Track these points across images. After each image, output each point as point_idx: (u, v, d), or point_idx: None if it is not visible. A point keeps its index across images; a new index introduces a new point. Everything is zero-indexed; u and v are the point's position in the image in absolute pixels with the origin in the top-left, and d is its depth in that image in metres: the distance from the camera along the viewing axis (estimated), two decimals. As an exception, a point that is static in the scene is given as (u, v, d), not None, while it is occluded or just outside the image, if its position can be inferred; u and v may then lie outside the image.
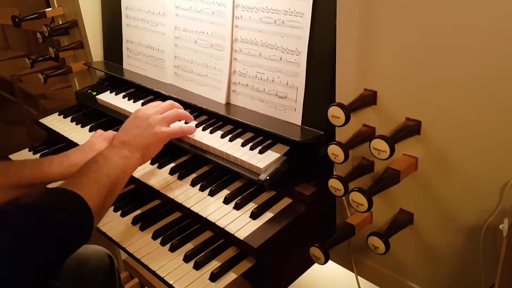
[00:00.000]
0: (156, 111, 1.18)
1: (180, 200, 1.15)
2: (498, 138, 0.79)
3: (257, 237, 1.01)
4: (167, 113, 1.19)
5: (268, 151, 1.16)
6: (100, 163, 1.02)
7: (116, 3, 1.64)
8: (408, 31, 0.83)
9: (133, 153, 1.09)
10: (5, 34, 4.26)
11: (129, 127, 1.15)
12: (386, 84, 0.90)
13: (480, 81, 0.78)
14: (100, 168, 1.00)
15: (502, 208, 0.82)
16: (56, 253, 0.84)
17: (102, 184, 0.97)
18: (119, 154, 1.06)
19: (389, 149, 0.83)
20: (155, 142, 1.13)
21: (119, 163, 1.04)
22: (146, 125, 1.14)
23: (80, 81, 1.82)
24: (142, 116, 1.16)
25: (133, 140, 1.10)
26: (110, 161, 1.03)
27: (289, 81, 1.18)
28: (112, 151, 1.07)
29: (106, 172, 1.00)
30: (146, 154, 1.12)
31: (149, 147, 1.12)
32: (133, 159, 1.08)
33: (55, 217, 0.86)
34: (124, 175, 1.05)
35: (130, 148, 1.09)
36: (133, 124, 1.15)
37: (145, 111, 1.18)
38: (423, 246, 0.98)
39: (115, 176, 1.01)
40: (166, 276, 1.02)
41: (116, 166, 1.03)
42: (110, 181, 0.99)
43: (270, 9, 1.19)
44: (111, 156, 1.05)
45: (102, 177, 0.99)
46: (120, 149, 1.08)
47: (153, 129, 1.13)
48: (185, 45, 1.44)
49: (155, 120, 1.16)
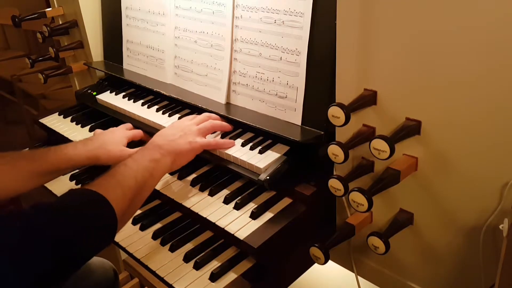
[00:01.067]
0: (192, 123, 1.20)
1: (180, 200, 1.15)
2: (498, 138, 0.79)
3: (257, 237, 1.01)
4: (203, 125, 1.21)
5: (268, 151, 1.16)
6: (128, 166, 1.02)
7: (116, 3, 1.64)
8: (408, 31, 0.83)
9: (164, 157, 1.08)
10: (5, 34, 4.26)
11: (164, 134, 1.16)
12: (386, 84, 0.90)
13: (480, 81, 0.78)
14: (128, 170, 1.00)
15: (502, 208, 0.82)
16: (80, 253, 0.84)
17: (128, 187, 0.96)
18: (149, 157, 1.06)
19: (389, 149, 0.83)
20: (188, 150, 1.13)
21: (149, 166, 1.04)
22: (182, 133, 1.15)
23: (80, 81, 1.82)
24: (179, 126, 1.19)
25: (167, 145, 1.10)
26: (139, 164, 1.03)
27: (289, 81, 1.18)
28: (143, 153, 1.08)
29: (133, 175, 0.99)
30: (177, 161, 1.12)
31: (181, 154, 1.12)
32: (163, 163, 1.08)
33: (74, 218, 0.84)
34: (152, 180, 1.04)
35: (162, 151, 1.09)
36: (169, 132, 1.16)
37: (182, 122, 1.21)
38: (423, 246, 0.98)
39: (143, 180, 1.01)
40: (166, 276, 1.02)
41: (145, 169, 1.03)
42: (137, 185, 0.99)
43: (270, 9, 1.19)
44: (141, 159, 1.05)
45: (129, 180, 0.98)
46: (152, 152, 1.08)
47: (188, 138, 1.14)
48: (185, 45, 1.44)
49: (190, 130, 1.17)
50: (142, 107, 1.45)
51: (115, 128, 1.31)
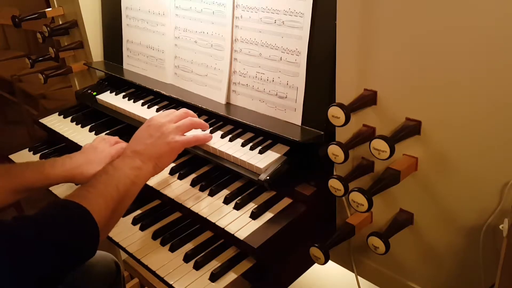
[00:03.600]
0: (169, 120, 1.14)
1: (180, 200, 1.15)
2: (498, 138, 0.79)
3: (257, 237, 1.01)
4: (181, 122, 1.14)
5: (268, 151, 1.16)
6: (109, 174, 0.99)
7: (116, 3, 1.64)
8: (408, 31, 0.83)
9: (145, 163, 1.05)
10: (5, 34, 4.26)
11: (141, 136, 1.11)
12: (386, 84, 0.90)
13: (480, 81, 0.78)
14: (109, 179, 0.98)
15: (502, 208, 0.82)
16: (57, 265, 0.82)
17: (110, 196, 0.95)
18: (130, 165, 1.03)
19: (389, 149, 0.83)
20: (169, 151, 1.09)
21: (130, 174, 1.01)
22: (159, 134, 1.09)
23: (80, 81, 1.82)
24: (155, 125, 1.12)
25: (145, 150, 1.06)
26: (120, 172, 1.00)
27: (289, 81, 1.18)
28: (124, 161, 1.04)
29: (115, 183, 0.97)
30: (159, 165, 1.08)
31: (162, 157, 1.08)
32: (145, 170, 1.05)
33: (57, 228, 0.84)
34: (134, 187, 1.02)
35: (142, 158, 1.05)
36: (146, 133, 1.11)
37: (158, 120, 1.14)
38: (423, 246, 0.98)
39: (125, 188, 0.98)
40: (166, 276, 1.02)
41: (127, 177, 1.00)
42: (119, 193, 0.97)
43: (270, 9, 1.19)
44: (122, 167, 1.02)
45: (111, 189, 0.96)
46: (132, 159, 1.04)
47: (167, 139, 1.09)
48: (185, 45, 1.44)
49: (168, 129, 1.11)
50: (142, 107, 1.45)
51: (97, 144, 1.24)
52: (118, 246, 1.13)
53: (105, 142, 1.25)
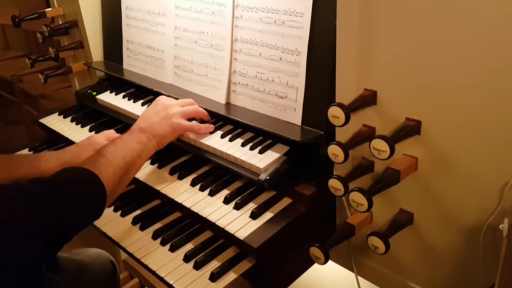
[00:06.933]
0: (177, 103, 1.23)
1: (180, 200, 1.15)
2: (498, 138, 0.79)
3: (257, 237, 1.01)
4: (186, 108, 1.24)
5: (268, 151, 1.16)
6: (118, 146, 1.07)
7: (116, 3, 1.64)
8: (408, 31, 0.83)
9: (150, 140, 1.14)
10: (5, 34, 4.26)
11: (148, 114, 1.20)
12: (386, 84, 0.90)
13: (480, 81, 0.78)
14: (117, 150, 1.05)
15: (502, 208, 0.82)
16: (68, 225, 0.89)
17: (118, 166, 1.02)
18: (136, 140, 1.12)
19: (389, 149, 0.83)
20: (171, 132, 1.18)
21: (136, 147, 1.10)
22: (164, 113, 1.19)
23: (80, 81, 1.82)
24: (162, 104, 1.21)
25: (151, 128, 1.16)
26: (127, 145, 1.09)
27: (289, 81, 1.18)
28: (131, 136, 1.13)
29: (122, 155, 1.05)
30: (162, 142, 1.17)
31: (164, 136, 1.17)
32: (150, 145, 1.14)
33: (70, 189, 0.91)
34: (139, 160, 1.10)
35: (147, 134, 1.14)
36: (153, 111, 1.20)
37: (166, 100, 1.24)
38: (423, 246, 0.98)
39: (131, 160, 1.06)
40: (166, 276, 1.03)
41: (133, 150, 1.08)
42: (126, 164, 1.04)
43: (270, 9, 1.19)
44: (129, 141, 1.10)
45: (119, 159, 1.03)
46: (138, 135, 1.13)
47: (171, 120, 1.18)
48: (185, 45, 1.44)
49: (173, 110, 1.20)
50: (142, 107, 1.45)
51: (94, 136, 1.28)
52: (118, 246, 1.13)
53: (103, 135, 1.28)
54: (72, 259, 1.27)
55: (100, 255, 1.36)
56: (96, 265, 1.32)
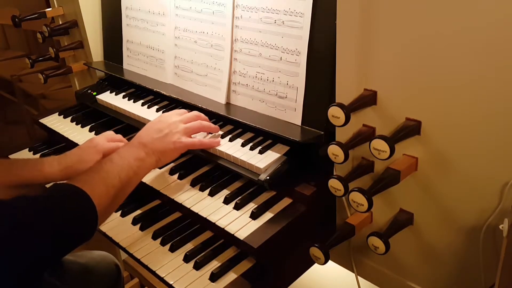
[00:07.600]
0: (180, 120, 1.19)
1: (180, 200, 1.15)
2: (498, 138, 0.79)
3: (257, 237, 1.01)
4: (190, 124, 1.19)
5: (268, 151, 1.16)
6: (114, 162, 1.02)
7: (116, 3, 1.64)
8: (408, 31, 0.83)
9: (149, 156, 1.09)
10: (5, 34, 4.26)
11: (150, 129, 1.15)
12: (386, 84, 0.90)
13: (480, 82, 0.78)
14: (113, 167, 1.01)
15: (502, 208, 0.82)
16: (54, 247, 0.84)
17: (112, 185, 0.98)
18: (135, 155, 1.07)
19: (389, 149, 0.83)
20: (172, 150, 1.14)
21: (133, 164, 1.05)
22: (167, 131, 1.14)
23: (80, 81, 1.82)
24: (166, 122, 1.17)
25: (151, 144, 1.11)
26: (124, 161, 1.04)
27: (289, 81, 1.18)
28: (129, 150, 1.08)
29: (118, 173, 1.00)
30: (162, 159, 1.12)
31: (165, 153, 1.13)
32: (148, 162, 1.09)
33: (55, 210, 0.86)
34: (136, 177, 1.06)
35: (147, 150, 1.09)
36: (155, 127, 1.15)
37: (170, 117, 1.19)
38: (423, 246, 0.98)
39: (127, 178, 1.02)
40: (166, 276, 1.02)
41: (130, 167, 1.04)
42: (121, 182, 1.00)
43: (270, 9, 1.19)
44: (127, 156, 1.06)
45: (113, 177, 0.99)
46: (137, 149, 1.09)
47: (173, 137, 1.14)
48: (185, 45, 1.44)
49: (177, 128, 1.16)
50: (142, 107, 1.45)
51: (96, 138, 1.26)
52: (118, 246, 1.13)
53: (104, 137, 1.26)
54: (76, 262, 1.26)
55: (104, 257, 1.36)
56: (101, 268, 1.32)
